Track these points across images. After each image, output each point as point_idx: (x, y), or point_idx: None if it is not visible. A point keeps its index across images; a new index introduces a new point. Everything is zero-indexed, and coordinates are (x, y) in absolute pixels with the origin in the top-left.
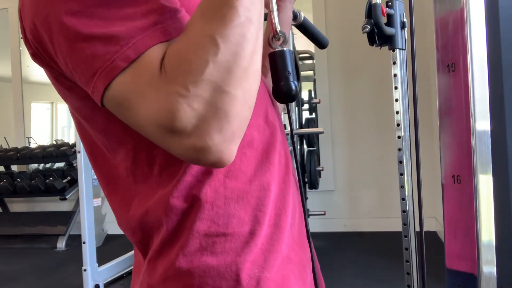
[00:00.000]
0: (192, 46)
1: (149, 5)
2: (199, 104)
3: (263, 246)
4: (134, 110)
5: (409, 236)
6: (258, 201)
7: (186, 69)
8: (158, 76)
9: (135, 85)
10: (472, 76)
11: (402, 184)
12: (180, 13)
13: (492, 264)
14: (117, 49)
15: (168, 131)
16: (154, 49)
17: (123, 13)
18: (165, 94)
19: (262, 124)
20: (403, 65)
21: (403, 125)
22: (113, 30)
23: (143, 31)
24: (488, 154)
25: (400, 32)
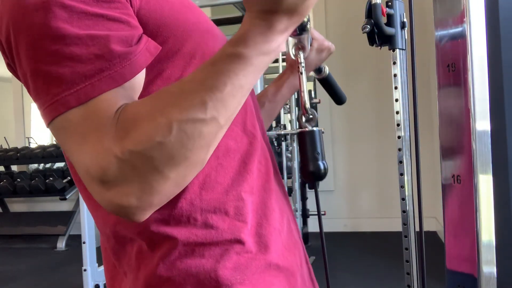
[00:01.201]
0: (148, 119)
1: (97, 48)
2: (130, 171)
3: (245, 254)
4: (70, 150)
5: (409, 236)
6: (236, 211)
7: (133, 137)
8: (103, 127)
9: (75, 128)
10: (472, 76)
11: (402, 184)
12: (134, 56)
13: (492, 264)
14: (59, 92)
15: (93, 179)
16: (97, 99)
17: (69, 51)
18: (104, 149)
19: (239, 134)
20: (403, 65)
21: (403, 125)
22: (58, 71)
23: (87, 78)
24: (488, 154)
25: (400, 32)
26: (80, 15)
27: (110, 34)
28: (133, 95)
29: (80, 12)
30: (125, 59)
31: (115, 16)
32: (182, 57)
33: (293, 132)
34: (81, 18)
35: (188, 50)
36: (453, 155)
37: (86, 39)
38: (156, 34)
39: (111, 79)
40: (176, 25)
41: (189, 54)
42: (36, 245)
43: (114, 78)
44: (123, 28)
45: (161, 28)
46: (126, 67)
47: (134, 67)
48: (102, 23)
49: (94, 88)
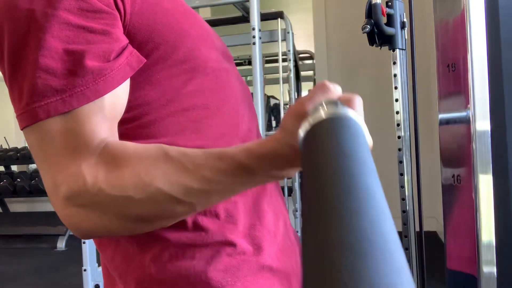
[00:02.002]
0: (132, 170)
1: (72, 64)
2: (94, 204)
3: (237, 256)
4: (40, 159)
5: (409, 236)
6: (227, 213)
7: (110, 179)
8: (83, 150)
9: (51, 140)
10: (472, 76)
11: (402, 184)
12: (110, 72)
13: (492, 264)
14: (29, 102)
15: (59, 194)
16: (74, 114)
17: (44, 63)
18: (78, 173)
19: (233, 136)
20: (403, 65)
21: (403, 125)
22: (31, 82)
23: (58, 93)
24: (488, 154)
25: (400, 32)
26: (62, 25)
27: (87, 50)
28: (114, 110)
29: (63, 22)
30: (99, 75)
31: (98, 29)
32: (173, 63)
33: None
34: (63, 28)
35: (179, 57)
36: (453, 155)
37: (63, 54)
38: (147, 40)
39: (82, 96)
40: (169, 32)
41: (180, 60)
42: (36, 245)
43: (85, 95)
44: (103, 40)
45: (153, 34)
46: (99, 83)
47: (109, 83)
48: (83, 35)
49: (65, 103)
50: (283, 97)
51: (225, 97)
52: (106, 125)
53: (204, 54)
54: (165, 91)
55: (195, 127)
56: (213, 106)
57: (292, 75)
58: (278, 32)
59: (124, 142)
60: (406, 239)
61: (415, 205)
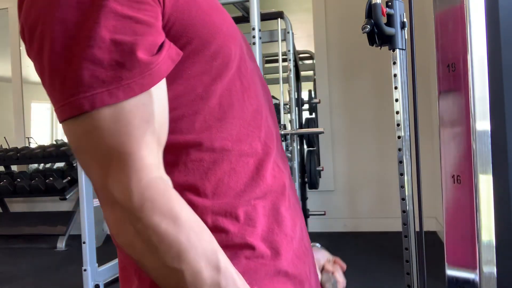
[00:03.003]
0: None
1: (120, 55)
2: (127, 219)
3: (255, 259)
4: (86, 157)
5: (409, 236)
6: (246, 216)
7: (149, 213)
8: (136, 164)
9: (86, 138)
10: (472, 76)
11: (402, 184)
12: (155, 65)
13: (492, 264)
14: (73, 93)
15: (108, 196)
16: (109, 108)
17: (91, 54)
18: (129, 184)
19: (254, 139)
20: (403, 65)
21: (403, 125)
22: (76, 72)
23: (105, 84)
24: (488, 154)
25: (400, 32)
26: (110, 15)
27: (135, 42)
28: (157, 105)
29: (111, 12)
30: (146, 68)
31: (144, 20)
32: (204, 59)
33: (293, 132)
34: (110, 18)
35: (210, 53)
36: (453, 155)
37: (110, 44)
38: (181, 35)
39: (129, 88)
40: (202, 27)
41: (210, 56)
42: (36, 245)
43: (132, 88)
44: (149, 32)
45: (187, 28)
46: (145, 77)
47: (154, 77)
48: (130, 26)
49: (111, 95)
50: (283, 97)
51: (250, 98)
52: (153, 135)
53: (233, 51)
54: (195, 87)
55: (220, 126)
56: (238, 106)
57: (292, 75)
58: (278, 32)
59: (177, 195)
60: (406, 239)
61: (415, 205)
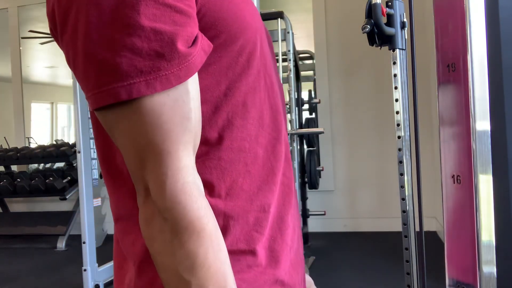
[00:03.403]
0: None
1: (159, 44)
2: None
3: (255, 267)
4: (120, 143)
5: (409, 236)
6: (256, 221)
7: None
8: (171, 165)
9: (125, 128)
10: (472, 76)
11: (402, 184)
12: (191, 57)
13: (492, 264)
14: (109, 81)
15: (146, 191)
16: (146, 99)
17: (130, 42)
18: (165, 182)
19: (271, 141)
20: (403, 65)
21: (403, 125)
22: (114, 60)
23: (143, 74)
24: (488, 154)
25: (400, 32)
26: (149, 2)
27: (174, 31)
28: (193, 100)
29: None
30: (183, 60)
31: (183, 9)
32: (230, 54)
33: (293, 132)
34: (149, 5)
35: (237, 48)
36: (453, 155)
37: (150, 32)
38: (211, 26)
39: (166, 80)
40: (233, 21)
41: (237, 51)
42: (36, 245)
43: (169, 79)
44: (188, 23)
45: (218, 22)
46: (182, 69)
47: (190, 69)
48: (169, 15)
49: (148, 86)
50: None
51: (270, 99)
52: (191, 133)
53: (259, 48)
54: (220, 82)
55: (241, 126)
56: (260, 106)
57: (292, 75)
58: (278, 32)
59: (207, 205)
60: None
61: (415, 205)
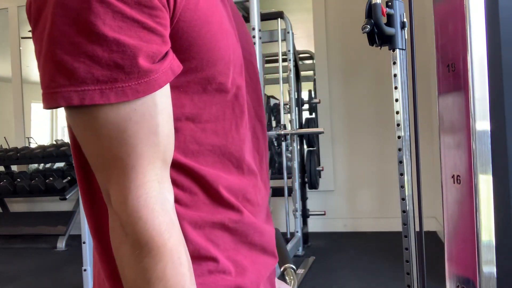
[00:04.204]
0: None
1: (120, 56)
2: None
3: (216, 273)
4: (87, 147)
5: (409, 236)
6: (214, 236)
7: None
8: (135, 176)
9: (84, 131)
10: (472, 76)
11: (402, 184)
12: (154, 74)
13: (492, 264)
14: (65, 84)
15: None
16: (101, 108)
17: (91, 49)
18: (126, 195)
19: (236, 169)
20: (403, 65)
21: (403, 125)
22: (73, 64)
23: (98, 83)
24: (488, 154)
25: (400, 32)
26: (116, 14)
27: (138, 46)
28: (162, 115)
29: (117, 11)
30: (144, 75)
31: (152, 27)
32: (199, 80)
33: (293, 132)
34: (116, 18)
35: (207, 76)
36: (453, 155)
37: (112, 43)
38: (184, 50)
39: (122, 92)
40: (206, 50)
41: (207, 79)
42: (36, 245)
43: (125, 92)
44: (155, 41)
45: (192, 47)
46: (141, 84)
47: (151, 85)
48: (136, 30)
49: (102, 95)
50: (283, 97)
51: (239, 127)
52: (158, 148)
53: (232, 80)
54: (183, 105)
55: (197, 151)
56: (223, 135)
57: (292, 75)
58: (278, 32)
59: (170, 221)
60: (406, 239)
61: (415, 205)
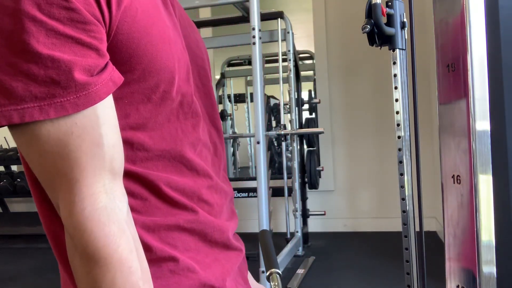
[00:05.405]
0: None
1: (55, 72)
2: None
3: (179, 272)
4: (33, 164)
5: (409, 236)
6: (169, 238)
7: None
8: (74, 186)
9: (27, 148)
10: (472, 76)
11: (402, 184)
12: (93, 87)
13: (492, 264)
14: (4, 103)
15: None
16: (42, 124)
17: (27, 68)
18: (72, 209)
19: (190, 172)
20: (403, 65)
21: (403, 125)
22: (11, 84)
23: (37, 100)
24: (488, 154)
25: (400, 32)
26: (49, 32)
27: (73, 60)
28: (105, 126)
29: (50, 29)
30: (82, 89)
31: (86, 41)
32: (142, 90)
33: (293, 132)
34: (50, 35)
35: (151, 85)
36: (453, 155)
37: (47, 60)
38: (125, 62)
39: (61, 107)
40: (148, 60)
41: (150, 89)
42: (36, 245)
43: (65, 107)
44: (90, 55)
45: (133, 58)
46: (80, 97)
47: (91, 98)
48: (70, 45)
49: (41, 111)
50: (283, 97)
51: (186, 134)
52: (103, 159)
53: (176, 88)
54: (128, 115)
55: (146, 158)
56: (170, 140)
57: (292, 75)
58: (278, 32)
59: (117, 232)
60: (406, 239)
61: (415, 205)
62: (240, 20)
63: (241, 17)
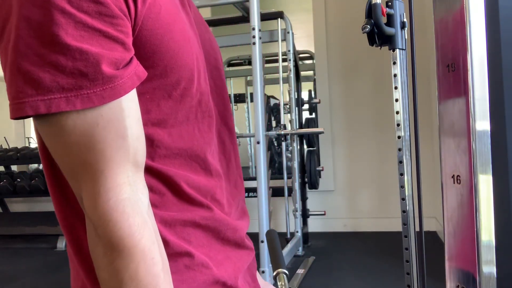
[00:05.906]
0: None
1: (83, 64)
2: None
3: (194, 268)
4: (59, 156)
5: (409, 236)
6: (185, 233)
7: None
8: (104, 180)
9: (54, 139)
10: (472, 76)
11: (402, 184)
12: (119, 80)
13: (492, 264)
14: (32, 94)
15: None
16: (68, 115)
17: (55, 59)
18: (97, 200)
19: (203, 170)
20: (403, 65)
21: (403, 125)
22: (38, 74)
23: (64, 91)
24: (488, 154)
25: (400, 32)
26: (78, 24)
27: (101, 53)
28: (130, 119)
29: (79, 21)
30: (108, 81)
31: (113, 35)
32: (164, 86)
33: (293, 132)
34: (78, 28)
35: (172, 82)
36: (453, 155)
37: (75, 52)
38: (147, 57)
39: (88, 99)
40: (170, 57)
41: (172, 85)
42: (36, 245)
43: (91, 99)
44: (117, 49)
45: (156, 54)
46: (106, 90)
47: (117, 90)
48: (98, 38)
49: (68, 102)
50: (283, 97)
51: (202, 132)
52: (127, 151)
53: (196, 86)
54: (149, 111)
55: (164, 155)
56: (188, 138)
57: (292, 75)
58: (278, 32)
59: (142, 222)
60: (406, 239)
61: (415, 205)
62: (240, 20)
63: (241, 17)
